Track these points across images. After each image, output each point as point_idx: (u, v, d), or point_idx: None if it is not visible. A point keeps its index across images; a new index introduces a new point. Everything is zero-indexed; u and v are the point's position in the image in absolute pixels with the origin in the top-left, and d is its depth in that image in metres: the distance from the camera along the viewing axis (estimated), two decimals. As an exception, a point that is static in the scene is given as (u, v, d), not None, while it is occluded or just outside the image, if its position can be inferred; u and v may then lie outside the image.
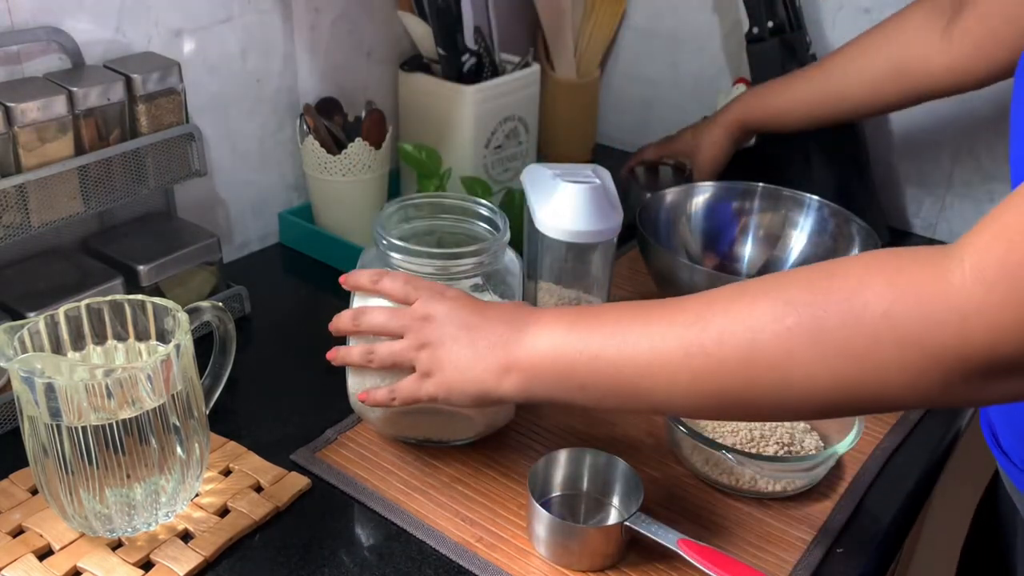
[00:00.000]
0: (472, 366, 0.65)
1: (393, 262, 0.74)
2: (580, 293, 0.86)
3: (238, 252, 1.11)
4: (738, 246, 1.06)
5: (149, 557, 0.67)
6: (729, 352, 0.54)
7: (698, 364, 0.55)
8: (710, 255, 1.05)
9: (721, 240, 1.06)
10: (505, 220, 0.78)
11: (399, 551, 0.70)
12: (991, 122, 1.12)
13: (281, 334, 0.97)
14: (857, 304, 0.50)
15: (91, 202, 0.84)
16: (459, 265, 0.74)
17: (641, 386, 0.58)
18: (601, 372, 0.59)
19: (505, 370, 0.64)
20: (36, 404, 0.61)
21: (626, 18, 1.39)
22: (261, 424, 0.82)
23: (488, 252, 0.75)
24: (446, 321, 0.67)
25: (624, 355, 0.58)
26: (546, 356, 0.62)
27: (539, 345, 0.63)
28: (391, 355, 0.69)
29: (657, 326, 0.58)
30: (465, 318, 0.67)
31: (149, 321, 0.69)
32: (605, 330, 0.60)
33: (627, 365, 0.58)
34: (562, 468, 0.74)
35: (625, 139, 1.47)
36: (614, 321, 0.60)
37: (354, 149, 1.04)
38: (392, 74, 1.20)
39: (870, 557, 0.71)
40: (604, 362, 0.59)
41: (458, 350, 0.66)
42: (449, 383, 0.66)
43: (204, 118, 0.99)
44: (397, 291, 0.71)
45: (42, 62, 0.85)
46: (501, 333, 0.65)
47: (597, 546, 0.68)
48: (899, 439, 0.83)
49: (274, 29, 1.05)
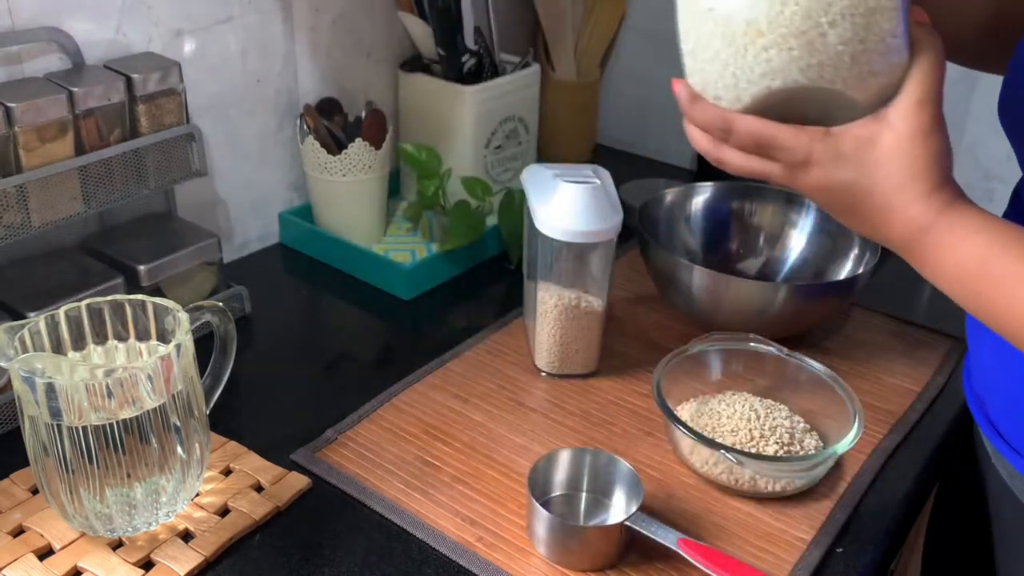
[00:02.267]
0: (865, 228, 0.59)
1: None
2: (580, 293, 0.86)
3: (238, 252, 1.11)
4: (738, 246, 1.06)
5: (149, 557, 0.67)
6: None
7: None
8: (710, 255, 1.05)
9: (721, 240, 1.06)
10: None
11: (399, 551, 0.70)
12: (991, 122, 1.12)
13: (281, 334, 0.97)
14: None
15: (91, 202, 0.85)
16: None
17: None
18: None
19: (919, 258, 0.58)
20: (37, 404, 0.61)
21: (626, 18, 1.39)
22: (261, 424, 0.82)
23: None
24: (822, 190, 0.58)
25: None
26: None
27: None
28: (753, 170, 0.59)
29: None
30: (840, 199, 0.58)
31: (149, 321, 0.69)
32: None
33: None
34: (562, 468, 0.74)
35: (625, 139, 1.47)
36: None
37: (354, 149, 1.04)
38: (392, 74, 1.20)
39: (870, 557, 0.71)
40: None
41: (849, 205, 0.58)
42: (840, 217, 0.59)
43: (204, 118, 1.00)
44: (743, 167, 0.59)
45: (42, 62, 0.85)
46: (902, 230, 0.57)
47: (597, 546, 0.68)
48: (899, 439, 0.83)
49: (274, 29, 1.05)
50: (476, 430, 0.82)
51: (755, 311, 0.89)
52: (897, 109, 0.55)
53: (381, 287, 1.05)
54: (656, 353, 0.89)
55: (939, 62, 0.55)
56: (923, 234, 0.56)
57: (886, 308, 1.02)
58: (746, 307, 0.89)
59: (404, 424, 0.82)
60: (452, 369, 0.90)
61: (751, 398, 0.82)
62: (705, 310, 0.92)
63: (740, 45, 0.54)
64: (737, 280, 0.91)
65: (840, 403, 0.79)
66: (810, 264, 1.02)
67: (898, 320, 1.01)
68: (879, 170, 0.56)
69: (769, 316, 0.89)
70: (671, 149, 1.42)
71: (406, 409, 0.84)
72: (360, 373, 0.92)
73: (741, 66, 0.55)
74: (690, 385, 0.84)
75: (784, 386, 0.83)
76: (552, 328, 0.87)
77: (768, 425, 0.78)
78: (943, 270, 0.57)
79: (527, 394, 0.87)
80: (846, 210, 0.59)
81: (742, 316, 0.90)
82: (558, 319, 0.87)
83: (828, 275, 1.00)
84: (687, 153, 1.40)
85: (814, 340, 0.96)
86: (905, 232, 0.57)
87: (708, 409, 0.81)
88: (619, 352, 0.94)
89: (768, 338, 0.85)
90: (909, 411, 0.87)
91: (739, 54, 0.54)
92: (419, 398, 0.86)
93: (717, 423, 0.79)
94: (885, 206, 0.57)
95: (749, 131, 0.57)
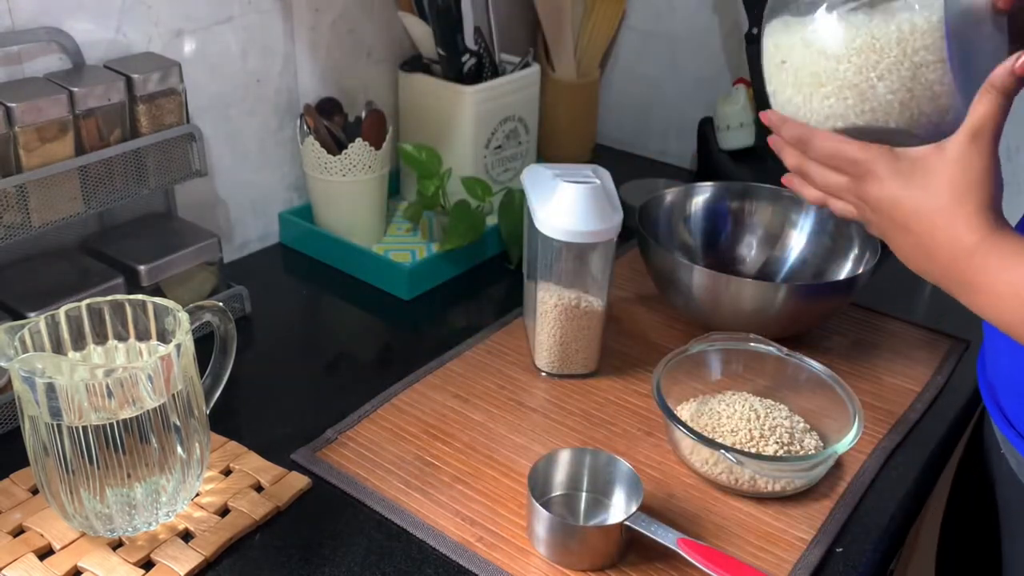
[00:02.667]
0: (921, 268, 0.63)
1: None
2: (580, 293, 0.86)
3: (238, 252, 1.11)
4: (738, 246, 1.06)
5: (150, 557, 0.67)
6: None
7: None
8: (710, 255, 1.05)
9: (721, 240, 1.06)
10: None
11: (399, 551, 0.70)
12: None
13: (281, 334, 0.97)
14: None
15: (91, 202, 0.85)
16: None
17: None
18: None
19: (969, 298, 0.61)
20: (37, 404, 0.62)
21: (626, 18, 1.39)
22: (261, 424, 0.82)
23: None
24: (894, 206, 0.62)
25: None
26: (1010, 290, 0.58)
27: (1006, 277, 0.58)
28: (839, 212, 0.67)
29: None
30: (909, 211, 0.61)
31: (150, 321, 0.69)
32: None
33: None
34: (562, 468, 0.74)
35: (625, 139, 1.47)
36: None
37: (354, 149, 1.04)
38: (392, 74, 1.20)
39: (870, 557, 0.71)
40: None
41: (906, 248, 0.63)
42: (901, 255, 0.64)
43: (204, 118, 1.00)
44: (820, 177, 0.67)
45: (43, 62, 0.85)
46: (949, 267, 0.60)
47: (597, 545, 0.68)
48: (899, 439, 0.83)
49: (274, 29, 1.05)
50: (476, 430, 0.82)
51: (755, 311, 0.89)
52: (953, 138, 0.60)
53: (381, 287, 1.05)
54: (656, 353, 0.89)
55: (1000, 101, 0.58)
56: (968, 256, 0.59)
57: (886, 308, 1.02)
58: (746, 307, 0.89)
59: (404, 424, 0.82)
60: (452, 369, 0.90)
61: (751, 398, 0.82)
62: (705, 310, 0.92)
63: (807, 93, 0.64)
64: (737, 280, 0.91)
65: (840, 403, 0.79)
66: (810, 264, 1.02)
67: (898, 320, 1.01)
68: (927, 190, 0.60)
69: (769, 316, 0.89)
70: (671, 149, 1.42)
71: (406, 409, 0.84)
72: (360, 373, 0.92)
73: (809, 109, 0.65)
74: (690, 385, 0.84)
75: (784, 386, 0.84)
76: (552, 328, 0.87)
77: (768, 425, 0.78)
78: (991, 293, 0.59)
79: (527, 394, 0.87)
80: (900, 229, 0.62)
81: (742, 316, 0.90)
82: (558, 319, 0.87)
83: (828, 275, 1.00)
84: (687, 153, 1.40)
85: (814, 340, 0.96)
86: (950, 254, 0.60)
87: (708, 409, 0.81)
88: (619, 352, 0.94)
89: (768, 338, 0.85)
90: (909, 411, 0.87)
91: (807, 100, 0.65)
92: (419, 398, 0.86)
93: (717, 423, 0.79)
94: (931, 226, 0.60)
95: (824, 143, 0.64)
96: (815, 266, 1.02)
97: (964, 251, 0.59)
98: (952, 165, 0.59)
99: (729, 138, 1.24)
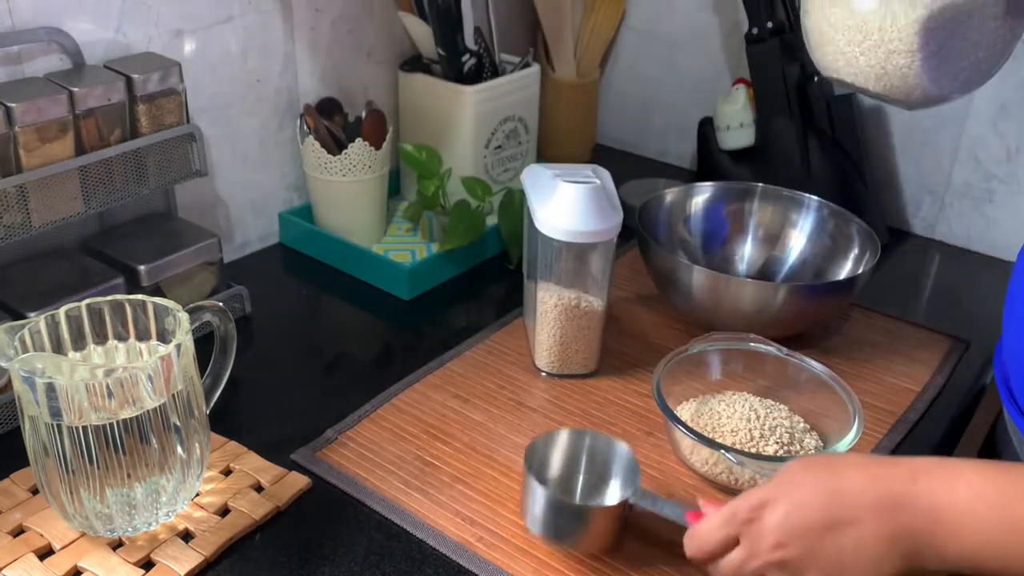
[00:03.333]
0: (882, 567, 0.55)
1: None
2: (580, 293, 0.86)
3: (238, 252, 1.11)
4: (738, 246, 1.06)
5: (150, 557, 0.67)
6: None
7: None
8: (710, 255, 1.05)
9: (721, 240, 1.06)
10: None
11: (399, 551, 0.70)
12: (991, 122, 1.12)
13: (281, 334, 0.97)
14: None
15: (91, 202, 0.85)
16: None
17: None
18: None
19: (938, 559, 0.54)
20: (37, 404, 0.62)
21: (626, 18, 1.39)
22: (261, 424, 0.82)
23: None
24: (800, 534, 0.56)
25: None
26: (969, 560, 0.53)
27: (954, 550, 0.54)
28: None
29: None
30: (817, 516, 0.56)
31: (150, 321, 0.69)
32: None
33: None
34: (561, 448, 0.73)
35: (625, 139, 1.47)
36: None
37: (354, 149, 1.04)
38: (392, 74, 1.20)
39: (870, 557, 0.71)
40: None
41: (850, 557, 0.55)
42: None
43: (204, 118, 1.00)
44: (716, 540, 0.60)
45: (43, 62, 0.85)
46: (891, 519, 0.54)
47: (598, 526, 0.67)
48: (899, 439, 0.83)
49: (274, 29, 1.05)
50: (476, 430, 0.82)
51: (755, 311, 0.89)
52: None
53: (381, 287, 1.05)
54: (656, 353, 0.89)
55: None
56: (912, 480, 0.55)
57: (886, 308, 1.02)
58: (746, 307, 0.89)
59: (404, 424, 0.82)
60: (452, 369, 0.90)
61: (751, 398, 0.82)
62: (705, 310, 0.92)
63: (815, 45, 0.78)
64: (737, 280, 0.91)
65: (840, 403, 0.79)
66: (810, 264, 1.02)
67: (898, 320, 1.01)
68: (829, 470, 0.58)
69: (769, 316, 0.89)
70: (671, 149, 1.42)
71: (406, 409, 0.84)
72: (360, 373, 0.92)
73: (817, 57, 0.79)
74: (690, 385, 0.84)
75: (784, 386, 0.83)
76: (552, 328, 0.87)
77: (768, 425, 0.78)
78: (954, 510, 0.54)
79: (527, 394, 0.87)
80: (831, 528, 0.56)
81: (742, 316, 0.90)
82: (558, 319, 0.87)
83: (828, 275, 1.00)
84: (687, 153, 1.40)
85: (814, 340, 0.96)
86: (891, 498, 0.55)
87: (708, 409, 0.81)
88: (619, 352, 0.94)
89: (768, 338, 0.85)
90: (909, 411, 0.87)
91: (816, 49, 0.79)
92: (419, 398, 0.86)
93: (717, 423, 0.79)
94: (855, 489, 0.56)
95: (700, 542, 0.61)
96: (815, 266, 1.02)
97: (905, 479, 0.55)
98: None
99: (729, 138, 1.23)
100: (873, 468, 0.57)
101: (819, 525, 0.55)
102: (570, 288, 0.86)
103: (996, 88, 1.02)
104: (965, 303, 1.08)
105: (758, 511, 0.57)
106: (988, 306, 1.02)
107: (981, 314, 1.02)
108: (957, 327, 0.99)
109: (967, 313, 1.02)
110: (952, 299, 1.02)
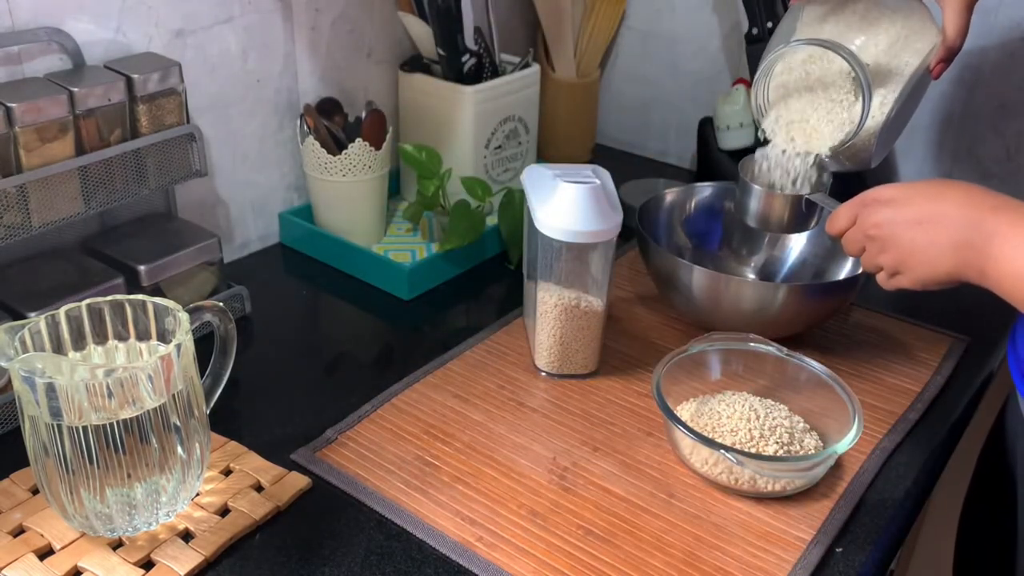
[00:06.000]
0: (939, 263, 0.68)
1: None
2: (580, 293, 0.86)
3: (238, 252, 1.11)
4: (737, 246, 1.06)
5: (150, 557, 0.67)
6: None
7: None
8: (710, 255, 1.05)
9: (721, 240, 1.06)
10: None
11: (399, 551, 0.70)
12: (991, 121, 1.12)
13: (281, 334, 0.97)
14: None
15: (92, 202, 0.85)
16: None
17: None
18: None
19: (979, 273, 0.65)
20: (37, 404, 0.62)
21: (626, 18, 1.39)
22: (261, 424, 0.82)
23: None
24: (894, 224, 0.70)
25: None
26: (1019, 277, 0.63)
27: (1011, 264, 0.63)
28: (865, 267, 0.76)
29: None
30: (913, 213, 0.69)
31: (150, 321, 0.69)
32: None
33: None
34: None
35: (625, 139, 1.47)
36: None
37: (354, 149, 1.04)
38: (392, 74, 1.20)
39: (870, 557, 0.71)
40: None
41: (920, 249, 0.68)
42: (922, 280, 0.70)
43: (204, 118, 1.00)
44: (844, 216, 0.76)
45: (43, 62, 0.85)
46: (963, 230, 0.66)
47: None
48: (898, 439, 0.83)
49: (274, 29, 1.05)
50: (476, 430, 0.82)
51: (755, 311, 0.89)
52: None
53: (381, 287, 1.05)
54: (656, 353, 0.89)
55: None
56: (993, 212, 0.64)
57: (886, 308, 1.02)
58: (746, 307, 0.89)
59: (404, 424, 0.82)
60: (452, 369, 0.90)
61: (751, 398, 0.82)
62: (705, 310, 0.92)
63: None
64: (737, 280, 0.91)
65: (840, 403, 0.79)
66: (810, 264, 1.02)
67: (898, 320, 1.01)
68: (928, 187, 0.70)
69: (769, 316, 0.89)
70: (671, 149, 1.42)
71: (406, 409, 0.84)
72: (360, 373, 0.92)
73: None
74: (690, 385, 0.84)
75: (784, 386, 0.84)
76: (552, 328, 0.87)
77: (768, 425, 0.78)
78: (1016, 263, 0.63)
79: (527, 394, 0.87)
80: (912, 226, 0.69)
81: (742, 316, 0.90)
82: (558, 319, 0.87)
83: (828, 275, 1.00)
84: (687, 153, 1.40)
85: (814, 340, 0.96)
86: (967, 219, 0.65)
87: (708, 409, 0.81)
88: (619, 352, 0.94)
89: (768, 338, 0.85)
90: (909, 411, 0.87)
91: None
92: (419, 398, 0.86)
93: (717, 423, 0.79)
94: (943, 201, 0.67)
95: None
96: (815, 266, 1.02)
97: (985, 209, 0.64)
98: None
99: (729, 138, 1.24)
100: (976, 195, 0.67)
101: (910, 220, 0.69)
102: (570, 288, 0.86)
103: (996, 88, 1.02)
104: (965, 302, 1.07)
105: (875, 202, 0.72)
106: (988, 305, 1.01)
107: (981, 313, 1.02)
108: (957, 327, 0.99)
109: (967, 312, 1.02)
110: (952, 298, 1.01)
